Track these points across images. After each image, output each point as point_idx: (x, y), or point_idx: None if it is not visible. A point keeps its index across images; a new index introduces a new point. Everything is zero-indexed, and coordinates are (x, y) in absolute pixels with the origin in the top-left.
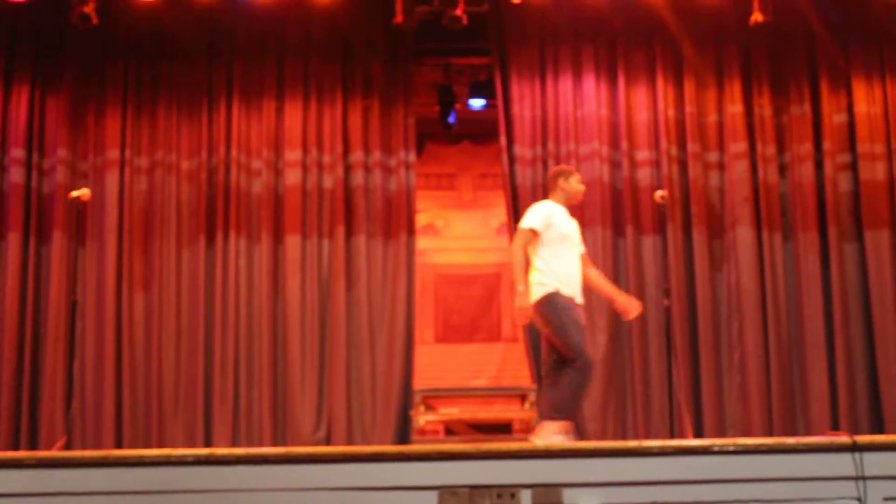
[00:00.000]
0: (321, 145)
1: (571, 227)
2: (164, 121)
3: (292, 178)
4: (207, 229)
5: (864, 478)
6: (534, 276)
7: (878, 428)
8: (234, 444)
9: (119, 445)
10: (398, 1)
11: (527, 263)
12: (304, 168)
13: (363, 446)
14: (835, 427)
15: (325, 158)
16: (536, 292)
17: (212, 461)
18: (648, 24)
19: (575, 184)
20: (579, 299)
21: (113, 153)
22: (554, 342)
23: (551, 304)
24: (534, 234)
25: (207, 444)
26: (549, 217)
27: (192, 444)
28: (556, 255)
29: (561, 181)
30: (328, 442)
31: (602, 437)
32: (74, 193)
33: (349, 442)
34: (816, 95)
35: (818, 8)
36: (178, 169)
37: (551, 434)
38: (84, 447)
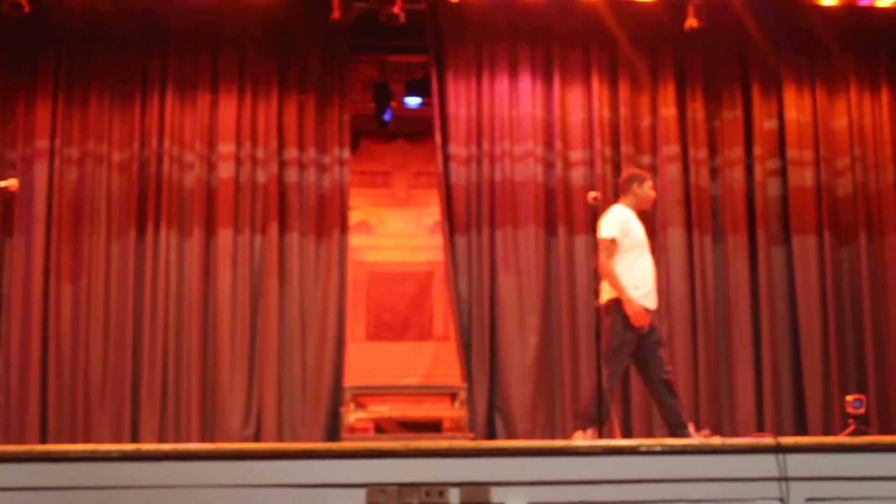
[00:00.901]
0: (255, 140)
1: (642, 232)
2: (96, 111)
3: (225, 172)
4: (138, 222)
5: (786, 479)
6: (604, 281)
7: (802, 430)
8: (161, 439)
9: (44, 440)
10: None
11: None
12: (238, 162)
13: (292, 443)
14: (760, 428)
15: (259, 153)
16: (606, 295)
17: (138, 457)
18: (585, 25)
19: (648, 189)
20: (653, 305)
21: (42, 143)
22: (602, 342)
23: (618, 311)
24: (614, 243)
25: (134, 439)
26: (626, 224)
27: (118, 440)
28: (632, 261)
29: (635, 186)
30: (257, 439)
31: (531, 437)
32: (2, 184)
33: (278, 439)
34: (748, 101)
35: (752, 15)
36: (110, 160)
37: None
38: (8, 441)
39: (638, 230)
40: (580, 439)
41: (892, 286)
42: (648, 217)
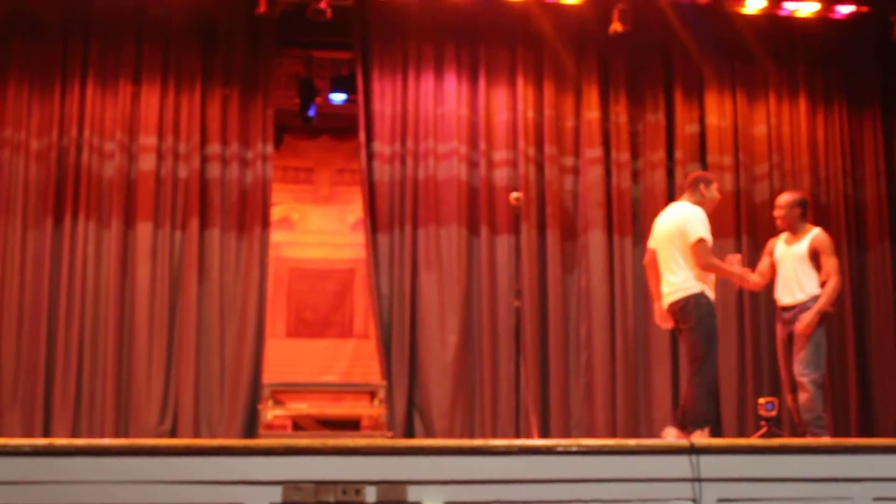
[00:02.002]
0: (178, 133)
1: None
2: (14, 98)
3: (146, 164)
4: (55, 211)
5: (699, 479)
6: (677, 279)
7: (717, 431)
8: (74, 434)
9: None
10: None
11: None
12: (160, 155)
13: (208, 439)
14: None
15: (181, 147)
16: (678, 294)
17: (50, 452)
18: (511, 26)
19: (714, 191)
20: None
21: None
22: (689, 339)
23: (697, 304)
24: (711, 245)
25: (46, 434)
26: (707, 222)
27: (30, 434)
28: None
29: (702, 187)
30: (173, 434)
31: (450, 436)
32: None
33: (195, 435)
34: (670, 106)
35: (675, 21)
36: (27, 148)
37: None
38: None
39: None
40: (698, 439)
41: None
42: (570, 218)
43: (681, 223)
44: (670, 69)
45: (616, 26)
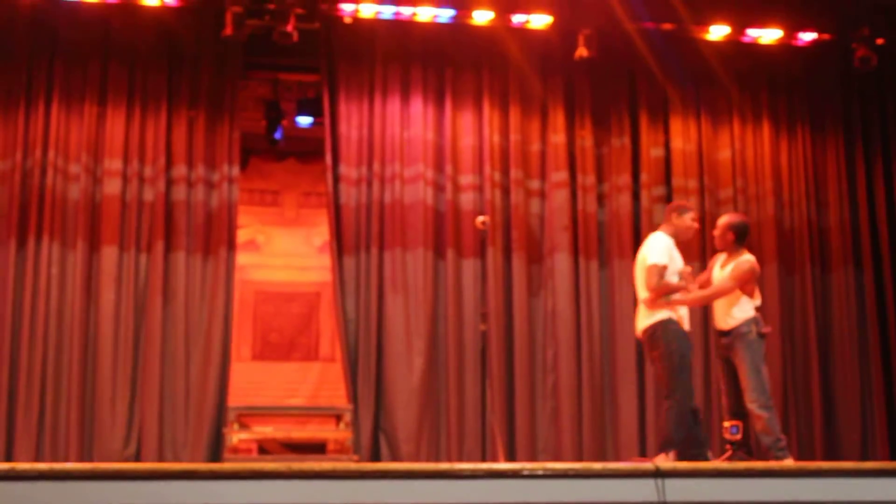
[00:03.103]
0: (143, 156)
1: (681, 260)
2: None
3: (111, 187)
4: (18, 233)
5: (665, 503)
6: (646, 306)
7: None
8: (37, 459)
9: None
10: (228, 13)
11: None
12: (125, 178)
13: (173, 463)
14: (642, 453)
15: (146, 170)
16: (646, 321)
17: (12, 476)
18: (477, 50)
19: (689, 221)
20: (688, 328)
21: None
22: (659, 367)
23: (665, 331)
24: (664, 269)
25: (8, 458)
26: (671, 251)
27: None
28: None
29: (674, 216)
30: (138, 458)
31: (416, 459)
32: None
33: (160, 459)
34: (636, 129)
35: (641, 47)
36: None
37: None
38: None
39: (679, 259)
40: (663, 462)
41: (770, 311)
42: (536, 241)
43: (644, 252)
44: (635, 94)
45: (582, 51)
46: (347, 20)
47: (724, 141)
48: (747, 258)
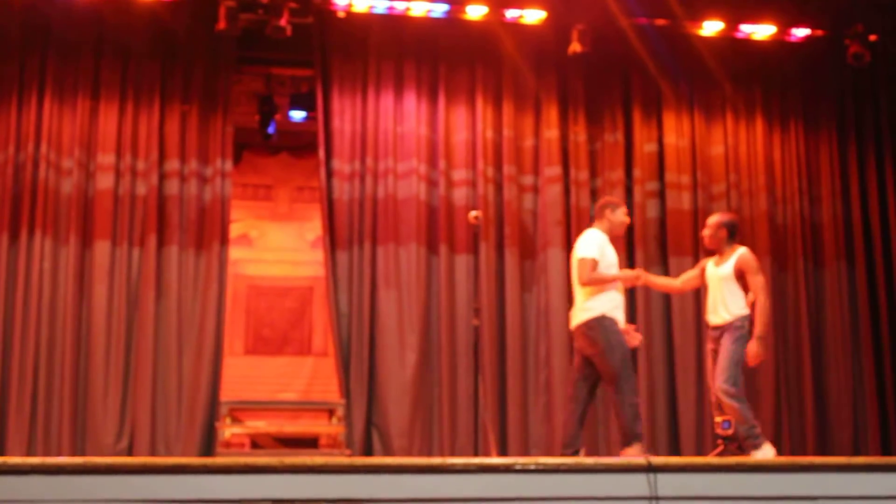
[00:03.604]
0: (136, 149)
1: (615, 255)
2: None
3: (104, 182)
4: (11, 227)
5: (657, 498)
6: (581, 302)
7: (676, 450)
8: (29, 452)
9: None
10: (221, 7)
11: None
12: (118, 173)
13: (165, 458)
14: None
15: (139, 164)
16: (582, 316)
17: (4, 470)
18: (471, 46)
19: (621, 216)
20: (622, 323)
21: None
22: (602, 363)
23: (600, 327)
24: (595, 263)
25: (1, 452)
26: (603, 246)
27: None
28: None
29: (608, 212)
30: (130, 453)
31: (408, 454)
32: None
33: (152, 453)
34: (629, 125)
35: (634, 42)
36: None
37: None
38: None
39: (612, 254)
40: (630, 456)
41: None
42: (529, 237)
43: (576, 247)
44: (629, 89)
45: (575, 46)
46: (341, 15)
47: (717, 136)
48: (746, 249)
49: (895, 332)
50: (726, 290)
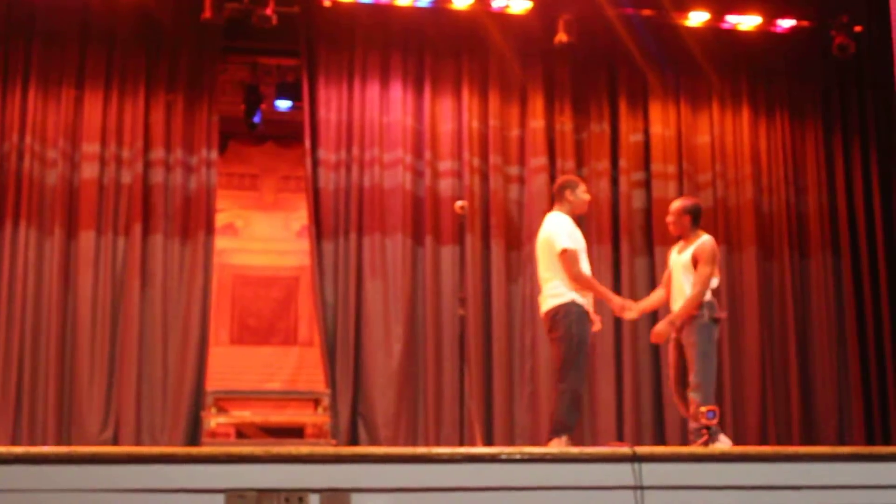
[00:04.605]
0: (121, 139)
1: (582, 238)
2: None
3: (89, 171)
4: None
5: (642, 487)
6: (550, 287)
7: (661, 439)
8: (14, 442)
9: None
10: None
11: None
12: (102, 162)
13: (150, 447)
14: (620, 437)
15: (124, 153)
16: (550, 302)
17: None
18: (457, 36)
19: (581, 194)
20: (591, 309)
21: None
22: (558, 348)
23: (567, 313)
24: (576, 255)
25: None
26: (574, 233)
27: None
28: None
29: (567, 193)
30: (115, 442)
31: (394, 444)
32: None
33: (137, 443)
34: (615, 115)
35: (620, 32)
36: None
37: None
38: None
39: (579, 235)
40: (556, 446)
41: (748, 296)
42: (514, 227)
43: (548, 235)
44: (615, 79)
45: (561, 37)
46: (327, 4)
47: (703, 126)
48: (707, 238)
49: (880, 322)
50: (684, 278)
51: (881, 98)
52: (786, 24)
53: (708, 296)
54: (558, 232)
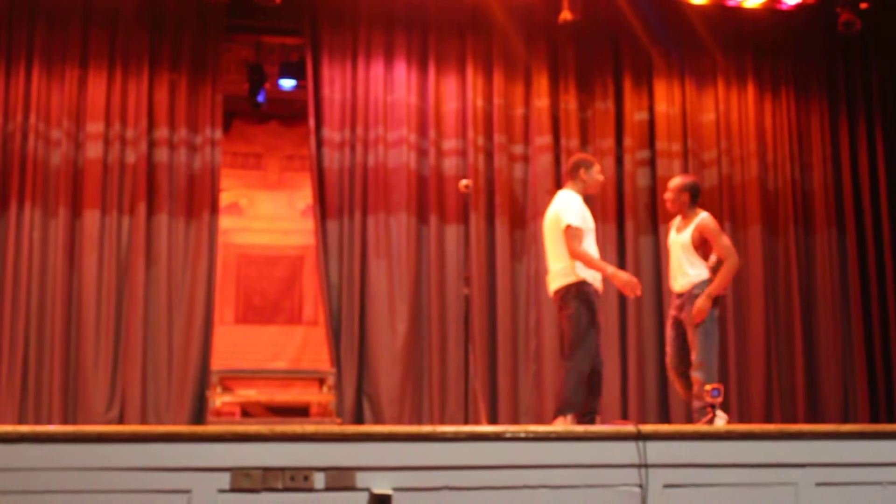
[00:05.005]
0: (125, 119)
1: (592, 221)
2: None
3: (93, 151)
4: (0, 199)
5: (646, 465)
6: (559, 266)
7: (665, 417)
8: (21, 421)
9: None
10: None
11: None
12: (107, 142)
13: (156, 426)
14: (624, 416)
15: (128, 133)
16: (560, 281)
17: None
18: (461, 14)
19: (596, 174)
20: (600, 288)
21: None
22: (566, 326)
23: (578, 293)
24: (581, 232)
25: None
26: (583, 212)
27: None
28: (586, 246)
29: (582, 171)
30: (121, 421)
31: (399, 422)
32: None
33: (143, 422)
34: (620, 93)
35: (625, 10)
36: None
37: None
38: None
39: (590, 218)
40: (561, 425)
41: (753, 273)
42: (519, 206)
43: (556, 211)
44: (619, 57)
45: (566, 15)
46: None
47: (708, 104)
48: (706, 214)
49: (885, 298)
50: (683, 256)
51: (887, 75)
52: (791, 0)
53: (707, 274)
54: (567, 209)
